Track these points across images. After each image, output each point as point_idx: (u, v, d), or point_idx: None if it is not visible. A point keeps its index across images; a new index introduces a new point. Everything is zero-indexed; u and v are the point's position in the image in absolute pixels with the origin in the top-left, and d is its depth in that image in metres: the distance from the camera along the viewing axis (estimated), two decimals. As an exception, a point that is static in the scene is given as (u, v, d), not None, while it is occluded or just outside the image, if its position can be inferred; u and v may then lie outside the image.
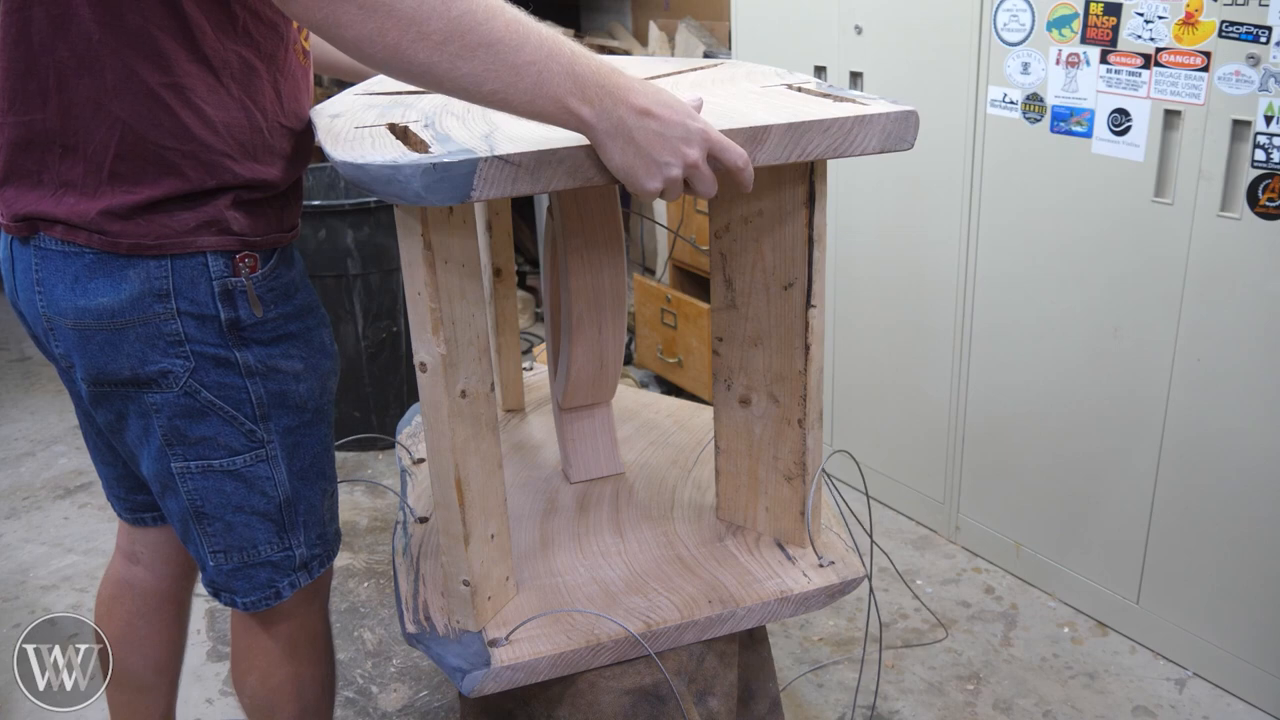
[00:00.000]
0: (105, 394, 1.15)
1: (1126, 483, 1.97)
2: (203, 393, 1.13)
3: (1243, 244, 1.69)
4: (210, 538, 1.22)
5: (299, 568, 1.27)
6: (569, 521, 1.41)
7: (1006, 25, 1.97)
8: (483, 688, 1.13)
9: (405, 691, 2.00)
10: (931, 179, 2.19)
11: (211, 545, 1.22)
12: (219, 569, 1.24)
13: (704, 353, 2.84)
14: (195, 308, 1.10)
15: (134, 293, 1.08)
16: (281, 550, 1.25)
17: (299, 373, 1.20)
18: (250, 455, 1.18)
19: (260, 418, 1.17)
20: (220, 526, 1.21)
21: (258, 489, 1.20)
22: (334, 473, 1.32)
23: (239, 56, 1.08)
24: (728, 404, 1.33)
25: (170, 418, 1.14)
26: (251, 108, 1.10)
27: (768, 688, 1.38)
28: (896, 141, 1.06)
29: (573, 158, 0.95)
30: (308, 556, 1.28)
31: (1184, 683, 1.93)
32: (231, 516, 1.20)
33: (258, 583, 1.25)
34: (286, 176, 1.16)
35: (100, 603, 1.46)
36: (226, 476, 1.18)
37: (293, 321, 1.19)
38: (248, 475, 1.19)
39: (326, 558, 1.32)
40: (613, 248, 1.37)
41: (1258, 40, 1.60)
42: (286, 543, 1.25)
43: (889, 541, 2.39)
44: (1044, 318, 2.05)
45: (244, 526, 1.21)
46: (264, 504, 1.21)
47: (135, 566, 1.43)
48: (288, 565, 1.26)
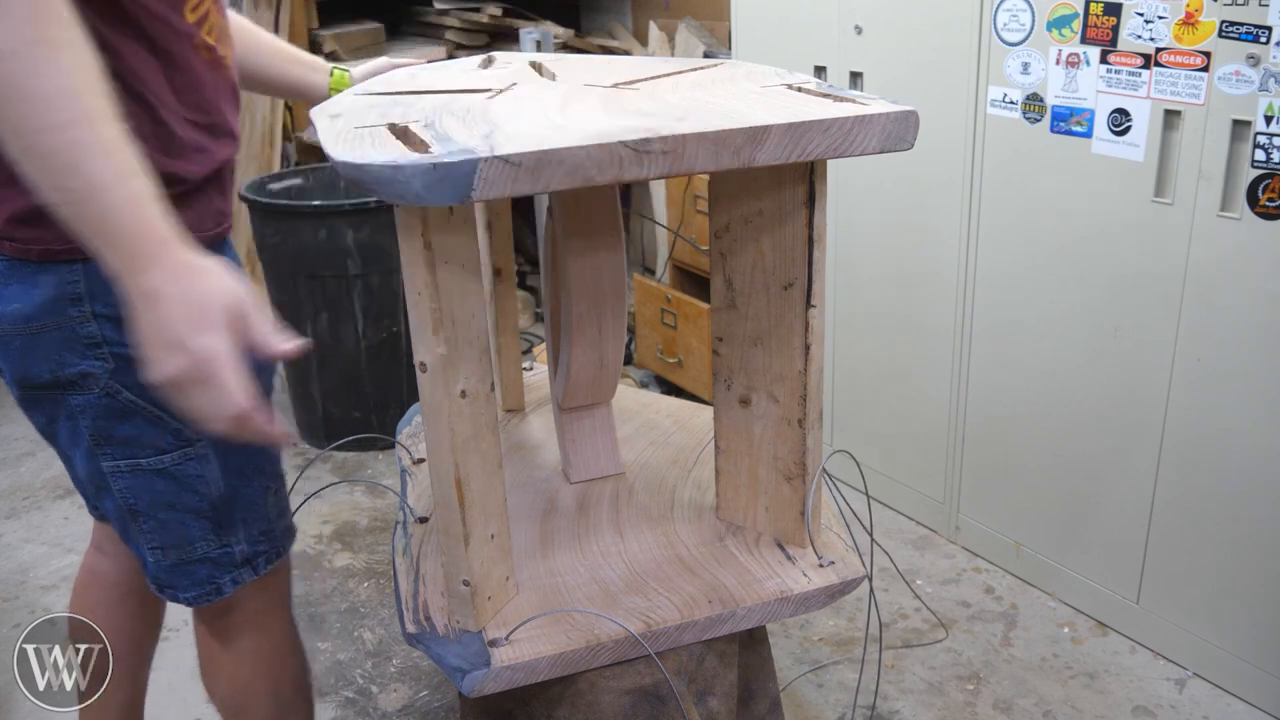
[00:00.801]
0: (33, 398, 1.16)
1: (1126, 483, 1.97)
2: (124, 393, 1.13)
3: (1243, 244, 1.69)
4: (146, 535, 1.22)
5: (241, 564, 1.27)
6: (569, 521, 1.41)
7: (1006, 25, 1.97)
8: (483, 688, 1.13)
9: (405, 691, 2.00)
10: (931, 179, 2.19)
11: (149, 542, 1.23)
12: (158, 565, 1.24)
13: (704, 353, 2.84)
14: (111, 309, 1.09)
15: (48, 297, 1.08)
16: (220, 547, 1.24)
17: None
18: (179, 454, 1.18)
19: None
20: (154, 524, 1.21)
21: (189, 487, 1.20)
22: (278, 469, 1.31)
23: (133, 50, 1.06)
24: (728, 404, 1.33)
25: (95, 419, 1.14)
26: (152, 101, 1.08)
27: (768, 688, 1.38)
28: (896, 141, 1.06)
29: (573, 158, 0.95)
30: (250, 553, 1.27)
31: (1184, 683, 1.93)
32: (164, 514, 1.21)
33: (197, 579, 1.25)
34: (198, 170, 1.14)
35: (73, 590, 1.49)
36: (156, 475, 1.18)
37: None
38: (177, 474, 1.19)
39: (274, 554, 1.31)
40: (613, 248, 1.37)
41: (1258, 40, 1.60)
42: (225, 540, 1.24)
43: (889, 541, 2.39)
44: (1044, 318, 2.05)
45: (177, 524, 1.21)
46: (196, 502, 1.21)
47: (103, 557, 1.46)
48: (227, 562, 1.26)
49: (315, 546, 2.48)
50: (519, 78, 1.38)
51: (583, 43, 3.64)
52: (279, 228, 2.73)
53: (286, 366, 2.98)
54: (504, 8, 3.52)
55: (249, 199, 2.77)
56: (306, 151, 3.52)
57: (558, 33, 3.48)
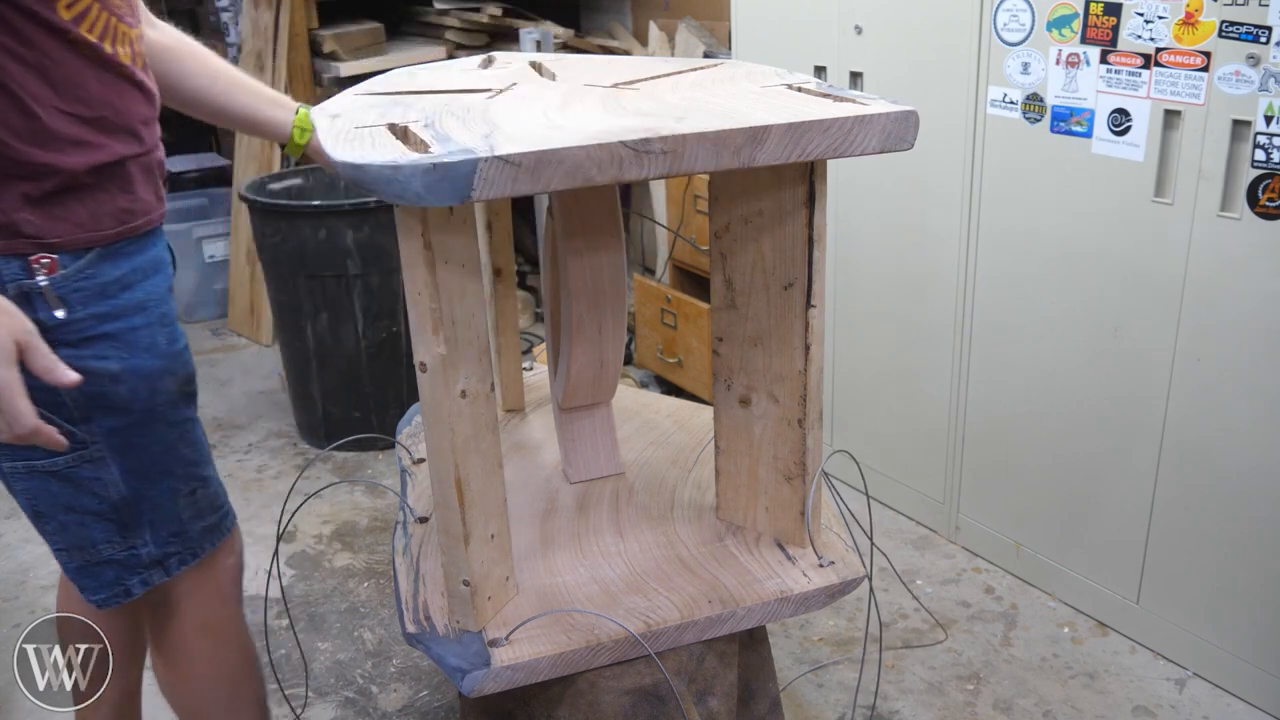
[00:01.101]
0: None
1: (1126, 483, 1.97)
2: None
3: (1243, 244, 1.69)
4: (50, 536, 1.23)
5: (149, 565, 1.27)
6: (569, 521, 1.41)
7: (1006, 25, 1.97)
8: (483, 688, 1.13)
9: (405, 691, 2.00)
10: (931, 179, 2.19)
11: (54, 544, 1.24)
12: (67, 566, 1.25)
13: (704, 353, 2.84)
14: None
15: None
16: (125, 549, 1.25)
17: (116, 374, 1.18)
18: (73, 456, 1.18)
19: (80, 419, 1.17)
20: (55, 525, 1.22)
21: (86, 489, 1.20)
22: (190, 471, 1.30)
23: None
24: (728, 404, 1.33)
25: None
26: (16, 92, 1.08)
27: (768, 688, 1.38)
28: (896, 141, 1.06)
29: (573, 158, 0.95)
30: (159, 555, 1.27)
31: (1184, 683, 1.93)
32: (64, 516, 1.21)
33: (104, 580, 1.26)
34: (76, 162, 1.13)
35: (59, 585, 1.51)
36: (51, 477, 1.19)
37: (108, 322, 1.17)
38: (73, 476, 1.19)
39: (189, 555, 1.31)
40: (613, 248, 1.37)
41: (1258, 40, 1.60)
42: (130, 542, 1.25)
43: (889, 541, 2.39)
44: (1044, 318, 2.05)
45: (78, 526, 1.22)
46: (95, 504, 1.21)
47: None
48: (134, 564, 1.26)
49: (315, 546, 2.48)
50: (519, 78, 1.38)
51: (583, 43, 3.64)
52: (279, 228, 2.73)
53: (287, 366, 2.98)
54: (504, 8, 3.52)
55: (249, 199, 2.77)
56: (306, 151, 3.51)
57: (558, 33, 3.48)
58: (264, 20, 3.50)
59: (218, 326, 3.92)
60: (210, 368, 3.55)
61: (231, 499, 1.41)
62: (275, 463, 2.90)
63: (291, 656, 2.09)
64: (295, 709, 1.95)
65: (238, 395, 3.34)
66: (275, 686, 2.01)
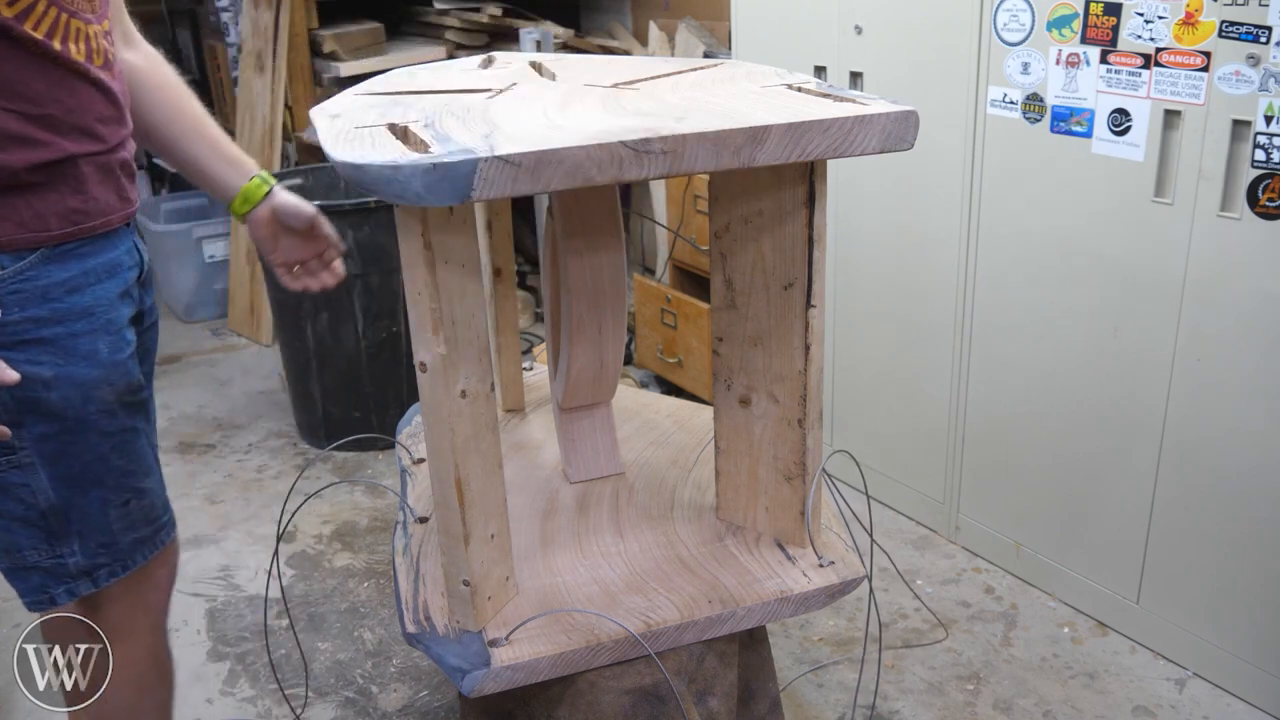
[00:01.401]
0: None
1: (1126, 483, 1.97)
2: None
3: (1243, 244, 1.69)
4: None
5: (77, 575, 1.26)
6: (569, 521, 1.41)
7: (1006, 25, 1.97)
8: (483, 688, 1.13)
9: (405, 691, 2.00)
10: (931, 179, 2.19)
11: None
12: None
13: (704, 353, 2.84)
14: None
15: None
16: (52, 557, 1.24)
17: (49, 380, 1.16)
18: (1, 461, 1.17)
19: (9, 424, 1.16)
20: None
21: (13, 495, 1.19)
22: (123, 482, 1.27)
23: None
24: (728, 404, 1.33)
25: None
26: None
27: (768, 688, 1.38)
28: (896, 141, 1.06)
29: (573, 158, 0.95)
30: (87, 565, 1.26)
31: (1184, 683, 1.93)
32: None
33: (31, 585, 1.25)
34: (17, 160, 1.11)
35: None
36: None
37: (45, 326, 1.15)
38: (0, 481, 1.18)
39: (119, 567, 1.29)
40: (613, 248, 1.37)
41: (1258, 40, 1.60)
42: (58, 550, 1.24)
43: (889, 541, 2.40)
44: (1044, 318, 2.05)
45: (4, 531, 1.21)
46: (22, 510, 1.20)
47: None
48: (61, 572, 1.25)
49: (315, 546, 2.48)
50: (519, 78, 1.38)
51: (583, 43, 3.64)
52: (279, 228, 2.73)
53: (287, 366, 2.98)
54: (504, 8, 3.52)
55: (249, 199, 2.77)
56: (306, 151, 3.52)
57: (558, 33, 3.48)
58: (264, 20, 3.50)
59: (218, 326, 3.92)
60: (210, 368, 3.55)
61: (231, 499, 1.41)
62: (275, 463, 2.90)
63: (291, 656, 2.09)
64: (295, 709, 1.95)
65: (238, 395, 3.34)
66: (275, 686, 2.01)
